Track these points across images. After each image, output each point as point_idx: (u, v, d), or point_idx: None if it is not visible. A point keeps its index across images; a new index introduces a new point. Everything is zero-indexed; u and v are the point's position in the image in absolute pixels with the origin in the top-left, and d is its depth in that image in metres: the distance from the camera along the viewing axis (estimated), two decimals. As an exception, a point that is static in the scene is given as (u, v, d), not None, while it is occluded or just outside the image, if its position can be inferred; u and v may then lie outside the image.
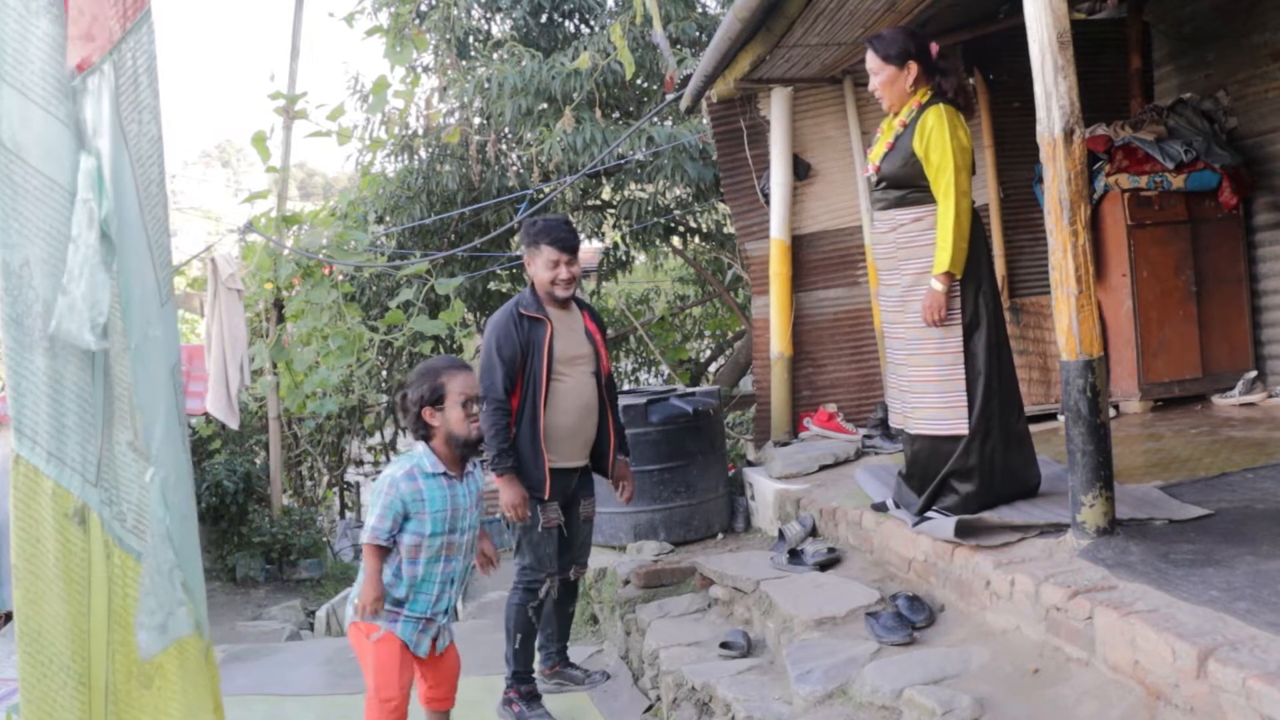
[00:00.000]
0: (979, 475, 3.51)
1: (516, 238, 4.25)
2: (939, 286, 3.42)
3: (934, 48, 3.56)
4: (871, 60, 3.57)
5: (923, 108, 3.49)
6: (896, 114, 3.59)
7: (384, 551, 3.16)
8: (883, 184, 3.62)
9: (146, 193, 1.87)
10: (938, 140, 3.40)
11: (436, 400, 3.20)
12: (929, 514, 3.60)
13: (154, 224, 1.89)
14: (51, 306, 1.73)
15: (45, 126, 1.74)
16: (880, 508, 3.88)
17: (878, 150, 3.64)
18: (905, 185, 3.53)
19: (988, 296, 3.53)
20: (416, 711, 3.35)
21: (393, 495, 3.14)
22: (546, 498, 3.94)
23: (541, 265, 3.97)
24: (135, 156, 1.85)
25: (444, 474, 3.23)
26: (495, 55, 9.40)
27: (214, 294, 8.28)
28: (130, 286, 1.84)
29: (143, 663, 1.87)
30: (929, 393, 3.54)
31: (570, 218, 8.32)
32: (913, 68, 3.50)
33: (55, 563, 1.76)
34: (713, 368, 12.82)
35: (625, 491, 4.28)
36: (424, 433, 3.25)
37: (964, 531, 3.36)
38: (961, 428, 3.48)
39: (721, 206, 9.34)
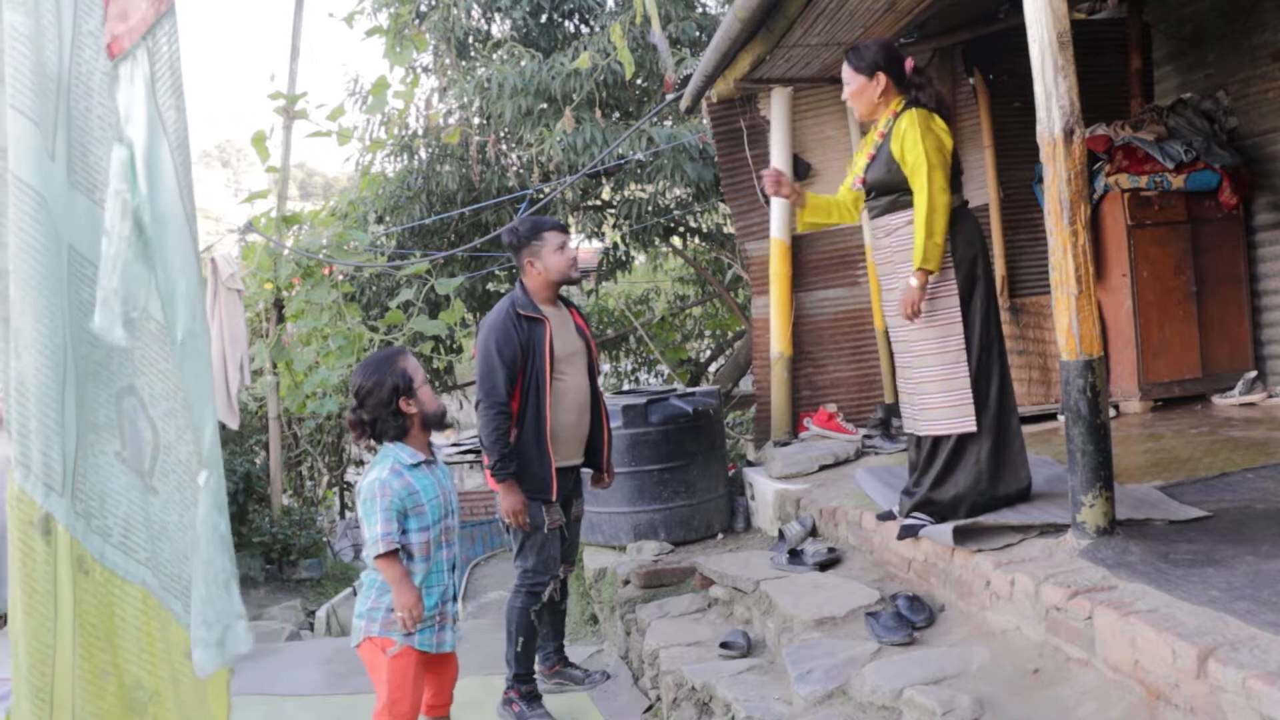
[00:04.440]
0: (971, 476, 3.51)
1: (505, 243, 4.19)
2: (914, 283, 3.44)
3: (909, 63, 3.60)
4: (845, 71, 3.64)
5: (898, 115, 3.53)
6: (875, 126, 3.64)
7: (397, 555, 3.12)
8: (872, 193, 3.66)
9: (184, 181, 1.78)
10: (911, 141, 3.44)
11: (409, 387, 3.17)
12: (917, 515, 3.59)
13: (191, 213, 1.81)
14: (13, 307, 1.65)
15: (10, 120, 1.65)
16: (887, 516, 3.89)
17: (860, 162, 3.68)
18: (894, 190, 3.55)
19: (983, 297, 3.54)
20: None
21: (388, 496, 3.10)
22: (553, 499, 3.94)
23: (551, 252, 3.98)
24: (173, 144, 1.76)
25: (424, 462, 3.22)
26: (495, 56, 9.40)
27: (214, 294, 8.28)
28: (175, 279, 1.74)
29: (133, 689, 1.76)
30: (935, 393, 3.54)
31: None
32: (881, 79, 3.54)
33: (17, 571, 1.66)
34: (713, 368, 12.82)
35: (605, 483, 4.33)
36: (400, 427, 3.19)
37: (962, 535, 3.36)
38: (970, 425, 3.49)
39: (721, 206, 9.34)
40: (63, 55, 1.72)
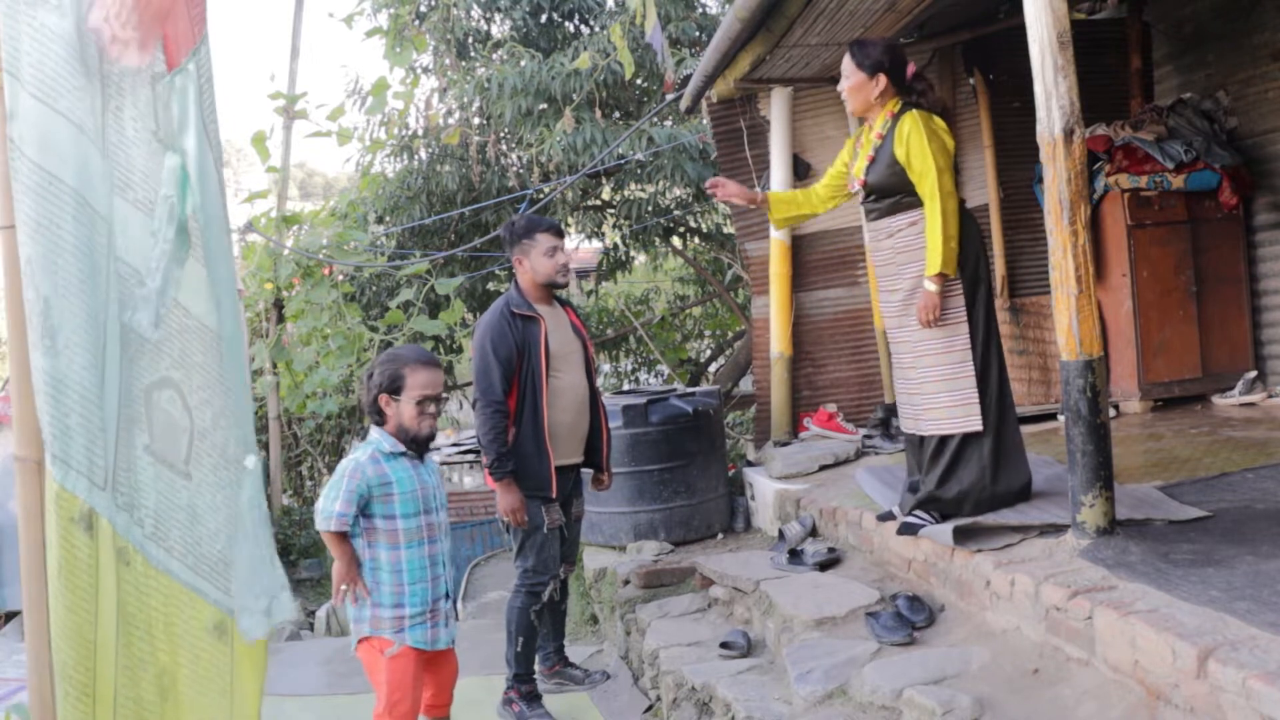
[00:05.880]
0: (975, 473, 3.51)
1: (501, 237, 4.21)
2: (933, 288, 3.44)
3: (911, 68, 3.59)
4: (846, 64, 3.61)
5: (896, 116, 3.52)
6: (871, 126, 3.62)
7: (346, 536, 3.13)
8: (872, 195, 3.64)
9: (222, 189, 1.90)
10: (916, 145, 3.43)
11: (394, 390, 3.18)
12: (919, 514, 3.60)
13: (228, 219, 1.94)
14: (51, 305, 1.67)
15: (42, 119, 1.68)
16: (887, 517, 3.88)
17: (860, 164, 3.66)
18: (896, 192, 3.55)
19: (985, 295, 3.55)
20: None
21: (358, 480, 3.11)
22: (553, 497, 3.94)
23: (540, 255, 3.98)
24: (216, 155, 1.87)
25: (404, 454, 3.21)
26: (495, 56, 9.40)
27: (214, 294, 8.27)
28: (220, 280, 1.85)
29: (160, 675, 1.81)
30: (940, 393, 3.53)
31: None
32: (881, 80, 3.53)
33: (59, 569, 1.70)
34: (713, 368, 12.81)
35: (605, 483, 4.33)
36: (378, 417, 3.24)
37: (962, 536, 3.36)
38: (976, 424, 3.49)
39: (721, 206, 9.34)
40: (99, 55, 1.75)
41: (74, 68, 1.70)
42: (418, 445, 3.24)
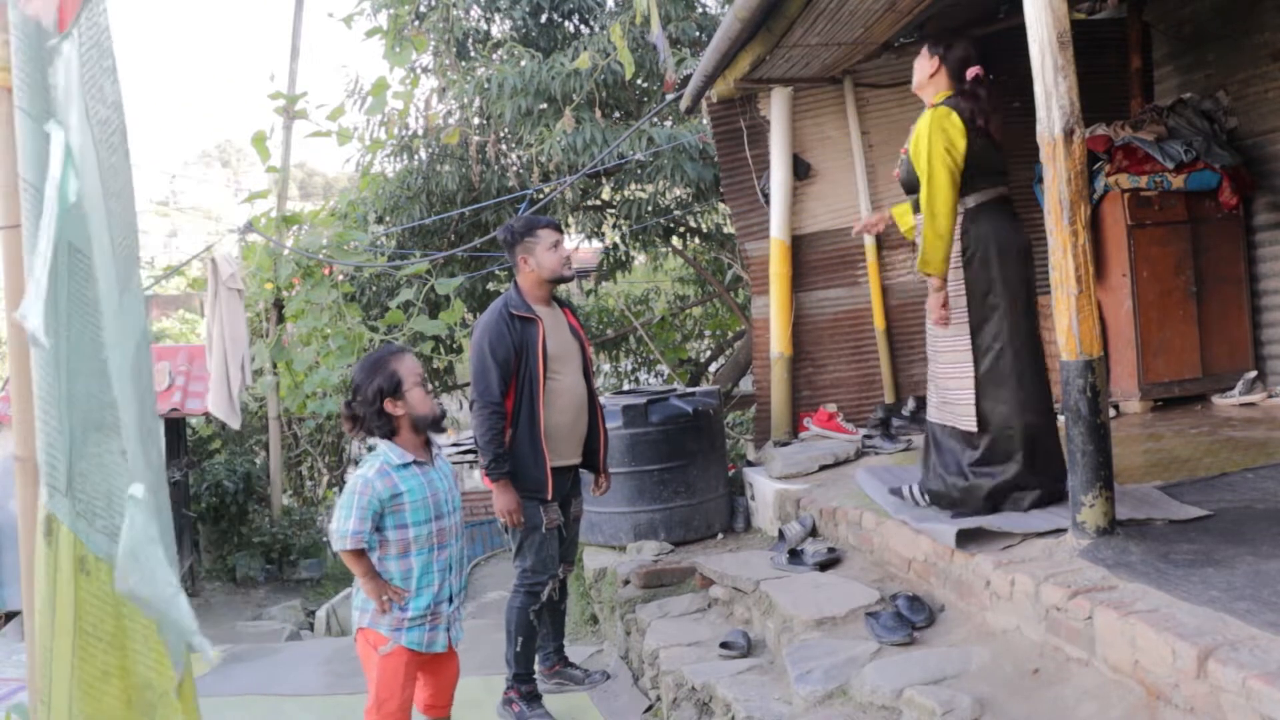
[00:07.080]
0: (1040, 472, 3.49)
1: (500, 241, 4.20)
2: (930, 289, 3.47)
3: (972, 71, 3.54)
4: (921, 59, 3.60)
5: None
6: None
7: (364, 552, 3.13)
8: (906, 189, 3.68)
9: (109, 176, 1.70)
10: (919, 146, 3.45)
11: (395, 389, 3.16)
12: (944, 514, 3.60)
13: (120, 210, 1.74)
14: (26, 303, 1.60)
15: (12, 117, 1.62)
16: (896, 492, 3.90)
17: (899, 159, 3.72)
18: (917, 188, 3.56)
19: (1002, 295, 3.48)
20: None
21: (369, 495, 3.10)
22: (549, 498, 3.94)
23: (545, 250, 3.99)
24: (98, 137, 1.67)
25: (414, 462, 3.20)
26: (495, 56, 9.40)
27: (214, 294, 8.30)
28: (96, 275, 1.68)
29: (142, 690, 1.73)
30: (951, 387, 3.59)
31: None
32: (935, 62, 3.53)
33: (25, 572, 1.66)
34: (713, 368, 12.81)
35: (603, 486, 4.32)
36: (387, 427, 3.19)
37: (964, 538, 3.36)
38: (970, 424, 3.50)
39: (721, 206, 9.34)
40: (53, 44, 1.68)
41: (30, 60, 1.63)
42: (434, 427, 3.23)
